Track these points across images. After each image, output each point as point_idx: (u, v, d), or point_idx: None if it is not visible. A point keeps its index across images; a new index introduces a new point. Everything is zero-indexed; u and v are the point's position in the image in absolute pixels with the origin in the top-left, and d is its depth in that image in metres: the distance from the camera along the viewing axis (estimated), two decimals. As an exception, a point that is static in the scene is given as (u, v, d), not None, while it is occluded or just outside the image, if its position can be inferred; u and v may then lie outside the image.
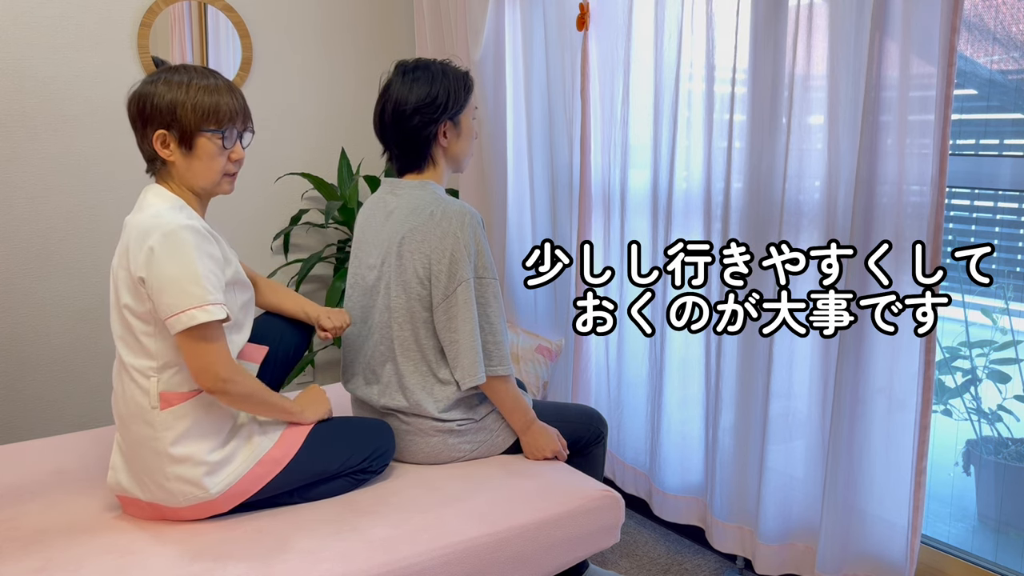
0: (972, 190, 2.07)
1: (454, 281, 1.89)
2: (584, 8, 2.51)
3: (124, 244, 1.63)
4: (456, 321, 1.90)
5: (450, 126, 1.99)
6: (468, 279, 1.89)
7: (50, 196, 2.77)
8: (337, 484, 1.82)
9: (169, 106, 1.63)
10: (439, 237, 1.89)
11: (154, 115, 1.64)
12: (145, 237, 1.58)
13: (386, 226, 1.99)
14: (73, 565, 1.54)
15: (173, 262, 1.57)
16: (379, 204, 2.05)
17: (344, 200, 3.13)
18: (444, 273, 1.89)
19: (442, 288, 1.90)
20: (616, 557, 2.43)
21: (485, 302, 1.93)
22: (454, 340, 1.92)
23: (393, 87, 1.97)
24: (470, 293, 1.90)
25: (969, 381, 2.22)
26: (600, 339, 2.67)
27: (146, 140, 1.67)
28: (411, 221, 1.93)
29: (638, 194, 2.50)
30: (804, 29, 1.92)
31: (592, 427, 2.16)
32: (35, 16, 2.68)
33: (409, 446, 1.98)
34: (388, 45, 3.37)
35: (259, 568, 1.54)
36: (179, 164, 1.67)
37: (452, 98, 1.96)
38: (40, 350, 2.81)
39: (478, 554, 1.67)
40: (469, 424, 1.99)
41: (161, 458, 1.64)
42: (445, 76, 1.97)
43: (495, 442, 2.02)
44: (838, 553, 1.98)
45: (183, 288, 1.56)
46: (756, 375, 2.16)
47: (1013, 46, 1.93)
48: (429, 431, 1.96)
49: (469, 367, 1.90)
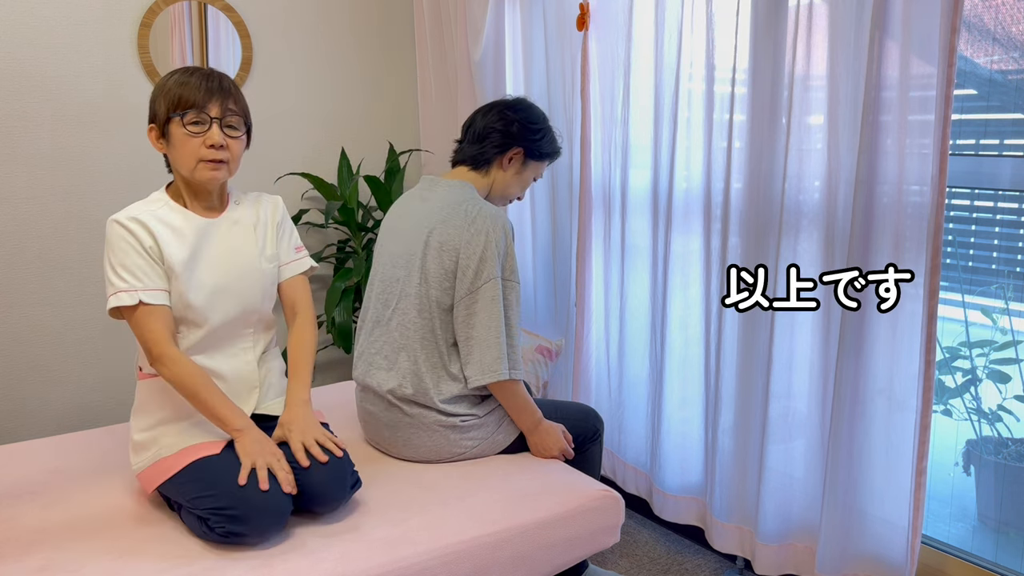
0: (972, 190, 2.07)
1: (480, 278, 1.91)
2: (584, 8, 2.51)
3: None
4: (476, 317, 1.92)
5: (519, 157, 2.08)
6: (496, 278, 1.92)
7: (49, 196, 2.77)
8: (190, 519, 1.67)
9: (151, 100, 1.75)
10: (472, 233, 1.93)
11: (149, 112, 1.76)
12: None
13: (417, 217, 2.02)
14: (73, 565, 1.54)
15: (105, 253, 1.73)
16: (414, 197, 2.11)
17: (344, 200, 3.13)
18: (472, 268, 1.92)
19: (467, 283, 1.92)
20: (616, 557, 2.43)
21: (508, 304, 1.96)
22: (470, 336, 1.93)
23: (523, 101, 2.14)
24: (497, 292, 1.92)
25: (969, 381, 2.22)
26: (600, 339, 2.67)
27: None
28: (443, 214, 1.97)
29: (638, 194, 2.50)
30: (804, 29, 1.92)
31: (589, 425, 2.17)
32: (35, 16, 2.68)
33: (411, 439, 1.98)
34: (388, 45, 3.37)
35: (259, 568, 1.54)
36: (170, 156, 1.77)
37: (537, 140, 2.09)
38: (40, 350, 2.81)
39: (478, 554, 1.67)
40: (472, 420, 1.99)
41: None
42: (546, 127, 2.13)
43: (496, 440, 2.02)
44: (838, 553, 1.98)
45: (106, 277, 1.72)
46: (756, 375, 2.16)
47: (1013, 46, 1.93)
48: (433, 425, 1.96)
49: (488, 364, 1.91)
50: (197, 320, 1.75)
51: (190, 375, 1.69)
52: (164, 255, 1.72)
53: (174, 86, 1.71)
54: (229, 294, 1.78)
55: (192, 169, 1.72)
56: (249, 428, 1.71)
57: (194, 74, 1.73)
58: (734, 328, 2.19)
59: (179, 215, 1.77)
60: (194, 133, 1.70)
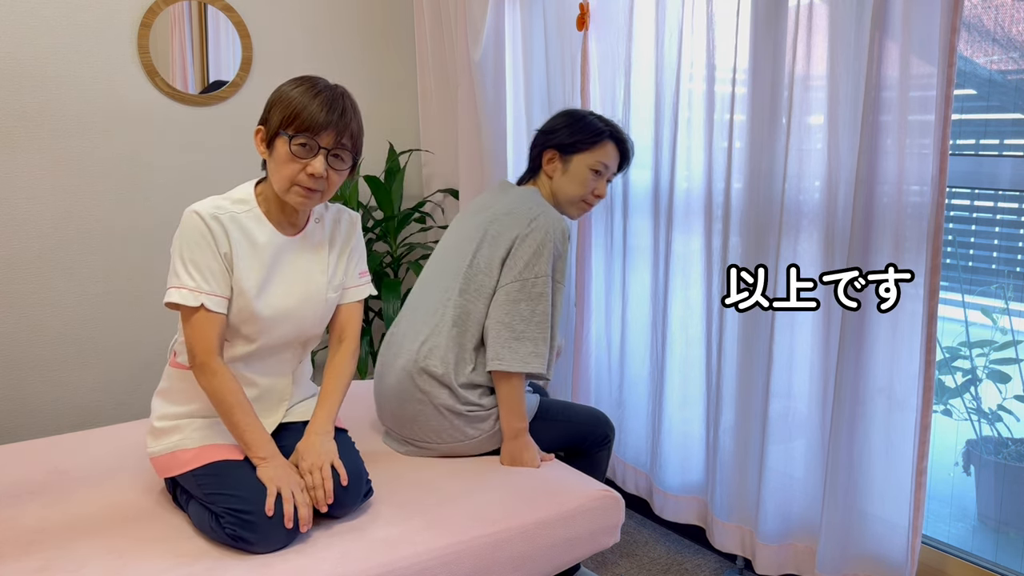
0: (972, 190, 2.07)
1: (531, 271, 1.96)
2: (584, 8, 2.51)
3: None
4: (520, 306, 1.96)
5: (556, 157, 2.13)
6: (547, 276, 1.98)
7: (50, 196, 2.77)
8: (198, 512, 1.68)
9: (269, 102, 1.68)
10: (531, 228, 1.99)
11: (263, 112, 1.69)
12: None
13: (484, 213, 2.10)
14: (73, 565, 1.54)
15: (176, 240, 1.67)
16: (485, 197, 2.22)
17: (344, 200, 3.13)
18: (524, 260, 1.97)
19: (516, 271, 1.97)
20: (616, 557, 2.43)
21: (555, 305, 2.02)
22: (507, 324, 1.96)
23: (560, 112, 2.23)
24: (546, 289, 1.98)
25: (969, 381, 2.22)
26: (601, 339, 2.67)
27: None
28: (508, 206, 2.06)
29: (639, 194, 2.50)
30: (804, 29, 1.92)
31: (599, 430, 2.18)
32: (35, 16, 2.68)
33: (418, 416, 2.00)
34: (388, 45, 3.37)
35: (259, 568, 1.54)
36: (268, 165, 1.70)
37: (565, 133, 2.13)
38: (40, 350, 2.81)
39: (478, 554, 1.67)
40: (479, 412, 2.00)
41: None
42: (574, 118, 2.16)
43: (496, 433, 2.03)
44: (838, 553, 1.98)
45: (173, 266, 1.66)
46: (756, 375, 2.16)
47: (1012, 47, 1.93)
48: (440, 408, 1.98)
49: (523, 355, 1.94)
50: (252, 336, 1.73)
51: (230, 392, 1.66)
52: (235, 267, 1.67)
53: (295, 100, 1.62)
54: (290, 318, 1.75)
55: (285, 190, 1.66)
56: (272, 457, 1.67)
57: (320, 94, 1.64)
58: (734, 328, 2.19)
59: (260, 227, 1.71)
60: (298, 157, 1.63)
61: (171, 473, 1.73)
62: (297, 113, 1.61)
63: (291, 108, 1.62)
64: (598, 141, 2.13)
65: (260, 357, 1.77)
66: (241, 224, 1.69)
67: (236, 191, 1.74)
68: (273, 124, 1.65)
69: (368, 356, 3.15)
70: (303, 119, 1.61)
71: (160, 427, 1.76)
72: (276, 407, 1.83)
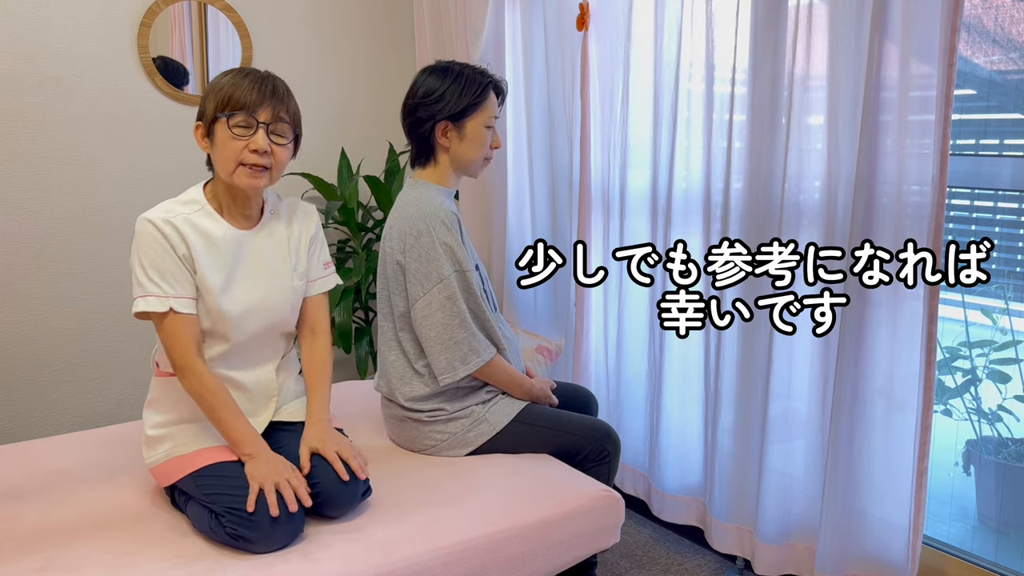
0: (972, 190, 2.07)
1: (430, 280, 1.95)
2: (584, 8, 2.51)
3: None
4: (432, 319, 1.96)
5: (451, 127, 2.01)
6: (446, 277, 1.95)
7: (50, 196, 2.77)
8: (197, 512, 1.67)
9: (202, 98, 1.71)
10: (414, 236, 1.96)
11: (199, 108, 1.72)
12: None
13: (384, 239, 2.09)
14: (73, 565, 1.54)
15: (134, 251, 1.69)
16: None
17: (344, 200, 3.13)
18: (421, 272, 1.96)
19: (418, 287, 1.97)
20: (616, 557, 2.43)
21: (467, 295, 1.99)
22: (428, 338, 1.98)
23: (416, 80, 2.04)
24: (452, 290, 1.96)
25: (969, 381, 2.22)
26: (600, 339, 2.67)
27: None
28: (393, 218, 2.04)
29: (638, 194, 2.50)
30: (804, 29, 1.92)
31: (595, 443, 2.05)
32: (35, 16, 2.68)
33: (394, 428, 2.11)
34: (388, 45, 3.37)
35: (259, 568, 1.54)
36: (212, 157, 1.73)
37: (454, 99, 1.98)
38: (40, 350, 2.81)
39: (478, 554, 1.67)
40: (440, 415, 2.02)
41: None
42: (459, 77, 1.99)
43: (467, 437, 2.03)
44: (837, 553, 1.98)
45: (135, 277, 1.68)
46: (756, 375, 2.16)
47: (1012, 47, 1.93)
48: (401, 418, 2.06)
49: (444, 365, 1.98)
50: (225, 334, 1.74)
51: (211, 391, 1.67)
52: (197, 267, 1.68)
53: (226, 85, 1.67)
54: (259, 311, 1.77)
55: (231, 172, 1.67)
56: (260, 452, 1.68)
57: (248, 75, 1.68)
58: (734, 328, 2.19)
59: (214, 224, 1.72)
60: (239, 136, 1.65)
61: (171, 481, 1.73)
62: (230, 95, 1.66)
63: (224, 92, 1.66)
64: (484, 97, 2.01)
65: (237, 354, 1.78)
66: (195, 224, 1.70)
67: (185, 194, 1.75)
68: (209, 113, 1.68)
69: (368, 356, 3.15)
70: (237, 98, 1.65)
71: (153, 435, 1.77)
72: (265, 404, 1.83)
